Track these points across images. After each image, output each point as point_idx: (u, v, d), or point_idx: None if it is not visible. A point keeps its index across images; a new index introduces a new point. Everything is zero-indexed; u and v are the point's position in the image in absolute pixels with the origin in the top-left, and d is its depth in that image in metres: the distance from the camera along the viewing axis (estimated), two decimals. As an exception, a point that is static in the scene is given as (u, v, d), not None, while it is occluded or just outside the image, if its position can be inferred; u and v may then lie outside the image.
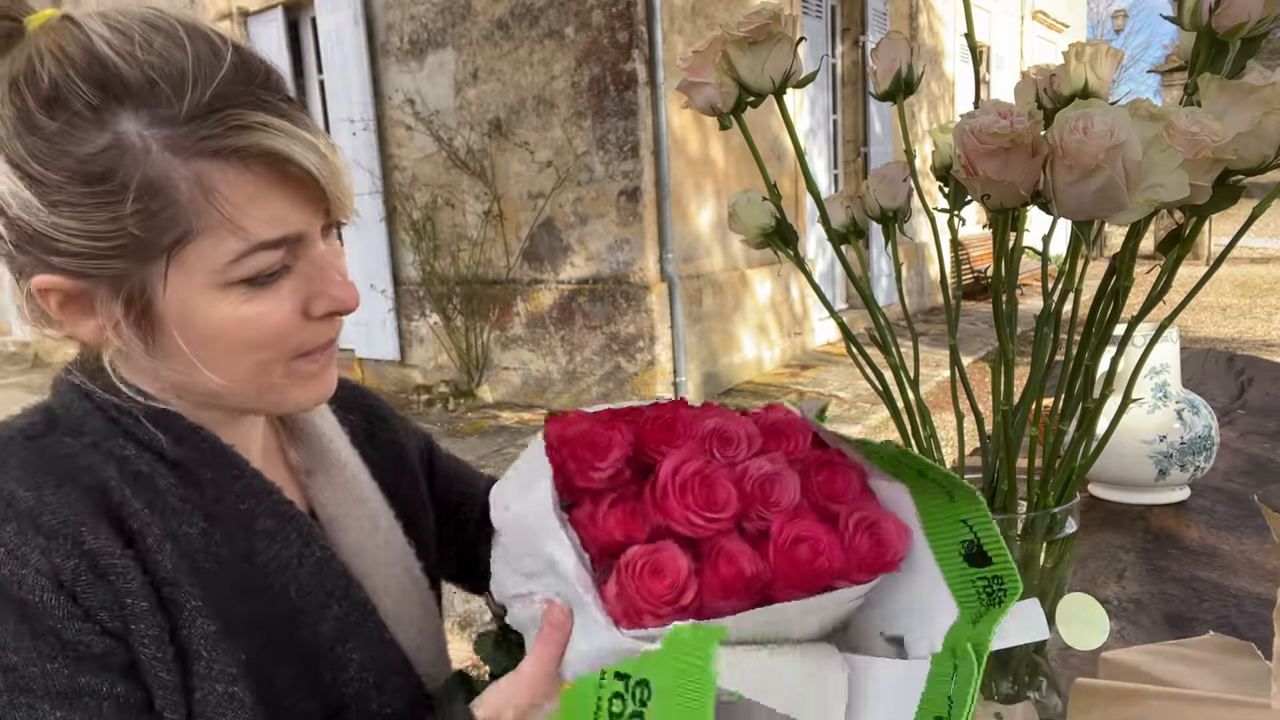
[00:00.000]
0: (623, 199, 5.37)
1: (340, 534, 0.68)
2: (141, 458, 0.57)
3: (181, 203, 0.51)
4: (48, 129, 0.50)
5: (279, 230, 0.54)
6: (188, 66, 0.51)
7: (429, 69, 6.06)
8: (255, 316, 0.55)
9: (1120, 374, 1.08)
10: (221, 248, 0.52)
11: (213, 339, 0.55)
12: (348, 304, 0.59)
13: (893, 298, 7.43)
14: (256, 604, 0.58)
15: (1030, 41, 11.83)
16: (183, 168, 0.51)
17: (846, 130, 7.75)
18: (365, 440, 0.77)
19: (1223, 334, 7.31)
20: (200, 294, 0.54)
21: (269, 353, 0.57)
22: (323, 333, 0.60)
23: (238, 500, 0.60)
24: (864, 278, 0.75)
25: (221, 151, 0.51)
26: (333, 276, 0.58)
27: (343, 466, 0.70)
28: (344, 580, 0.63)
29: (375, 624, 0.64)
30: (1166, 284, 0.65)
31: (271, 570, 0.60)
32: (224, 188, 0.51)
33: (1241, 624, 0.96)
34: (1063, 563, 0.73)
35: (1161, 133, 0.53)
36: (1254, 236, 12.85)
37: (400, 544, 0.72)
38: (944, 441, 0.73)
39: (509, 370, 6.12)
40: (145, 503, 0.55)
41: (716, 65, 0.67)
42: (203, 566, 0.56)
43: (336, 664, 0.61)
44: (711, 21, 5.56)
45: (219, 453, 0.60)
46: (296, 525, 0.62)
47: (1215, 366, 2.20)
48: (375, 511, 0.71)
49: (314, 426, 0.71)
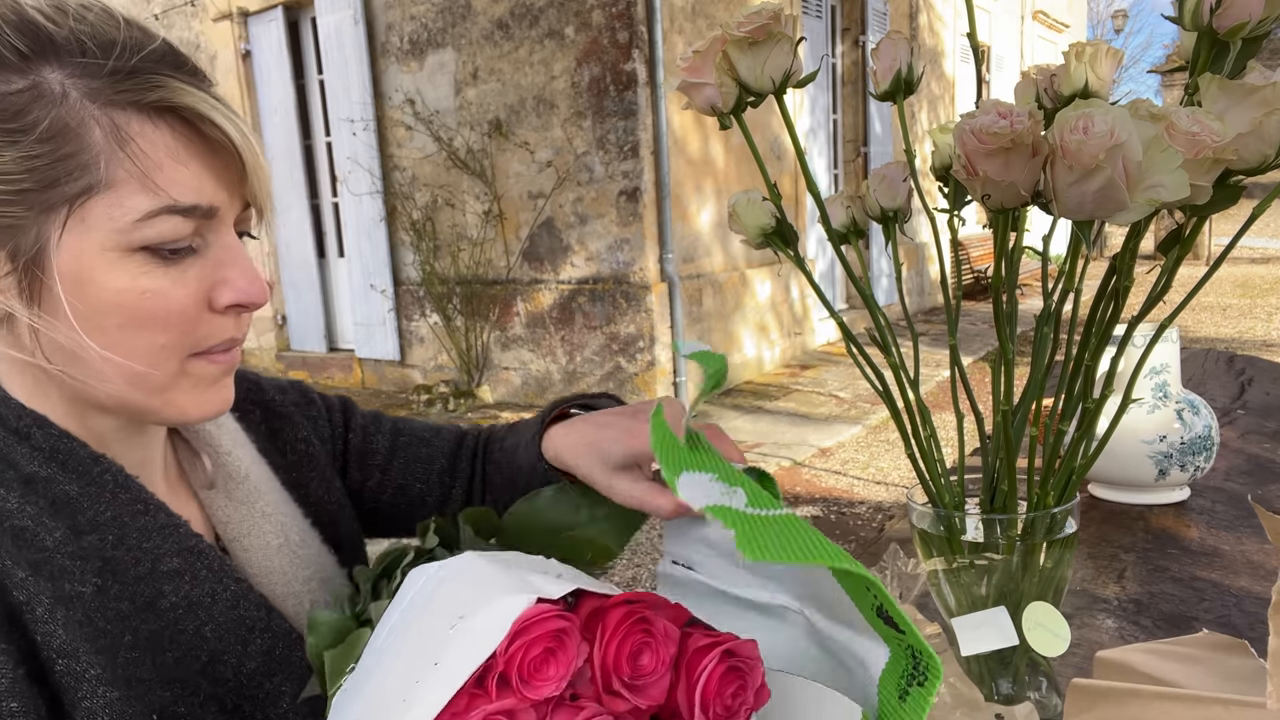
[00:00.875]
0: (623, 199, 5.37)
1: (244, 553, 0.64)
2: (25, 510, 0.52)
3: (94, 150, 0.49)
4: None
5: (192, 197, 0.52)
6: (118, 37, 0.51)
7: (429, 69, 6.06)
8: (156, 290, 0.52)
9: (1120, 374, 1.08)
10: (129, 203, 0.50)
11: (108, 309, 0.51)
12: (254, 297, 0.56)
13: (893, 298, 7.44)
14: (166, 654, 0.55)
15: (1030, 41, 11.83)
16: (100, 115, 0.49)
17: (846, 130, 7.75)
18: (268, 439, 0.73)
19: (1223, 334, 7.31)
20: (99, 255, 0.51)
21: (165, 337, 0.53)
22: (225, 329, 0.56)
23: (140, 539, 0.56)
24: (864, 278, 0.75)
25: (140, 104, 0.50)
26: (241, 265, 0.55)
27: (243, 480, 0.66)
28: (263, 611, 0.60)
29: (303, 652, 0.60)
30: (1166, 284, 0.65)
31: (181, 613, 0.56)
32: (141, 140, 0.50)
33: (1241, 624, 0.96)
34: (1062, 563, 0.73)
35: (1162, 133, 0.53)
36: (1254, 236, 12.86)
37: (315, 554, 0.68)
38: (944, 441, 0.73)
39: (509, 370, 6.12)
40: (30, 567, 0.50)
41: (716, 65, 0.67)
42: (101, 627, 0.52)
43: (266, 700, 0.58)
44: (711, 21, 5.56)
45: (121, 486, 0.56)
46: (205, 561, 0.58)
47: (1215, 366, 2.20)
48: (284, 525, 0.67)
49: (211, 438, 0.67)
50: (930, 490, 0.76)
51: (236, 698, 0.57)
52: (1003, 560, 0.72)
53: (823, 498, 4.01)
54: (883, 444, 4.76)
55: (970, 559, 0.73)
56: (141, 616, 0.54)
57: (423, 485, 0.79)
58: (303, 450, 0.74)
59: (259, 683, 0.58)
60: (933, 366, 5.59)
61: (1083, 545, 1.19)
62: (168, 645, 0.55)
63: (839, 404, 5.58)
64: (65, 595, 0.51)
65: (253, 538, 0.65)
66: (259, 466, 0.69)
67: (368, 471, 0.79)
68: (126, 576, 0.55)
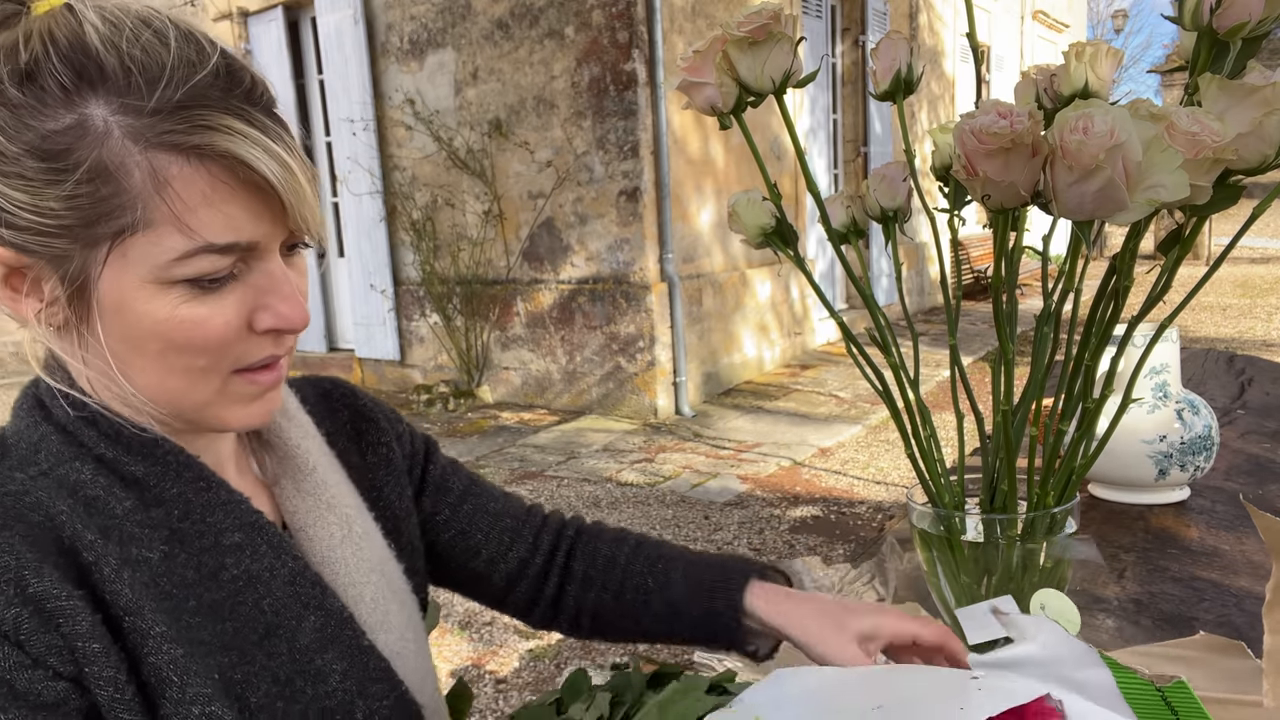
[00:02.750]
0: (623, 199, 5.37)
1: (309, 542, 0.67)
2: (97, 481, 0.56)
3: (132, 191, 0.51)
4: (15, 101, 0.50)
5: (229, 236, 0.53)
6: (167, 62, 0.51)
7: (429, 69, 6.06)
8: (194, 319, 0.54)
9: (1120, 374, 1.08)
10: (165, 244, 0.52)
11: (147, 336, 0.54)
12: (293, 322, 0.57)
13: (893, 298, 7.44)
14: (226, 624, 0.57)
15: (1030, 41, 11.83)
16: (140, 157, 0.50)
17: (846, 130, 7.75)
18: (349, 440, 0.76)
19: (1223, 334, 7.31)
20: (139, 288, 0.53)
21: (204, 360, 0.55)
22: (264, 348, 0.58)
23: (204, 514, 0.58)
24: (864, 278, 0.75)
25: (180, 147, 0.51)
26: (283, 291, 0.57)
27: (310, 472, 0.69)
28: (318, 589, 0.62)
29: (353, 632, 0.63)
30: (1166, 284, 0.65)
31: (242, 585, 0.58)
32: (178, 183, 0.51)
33: (1241, 624, 0.96)
34: (1063, 563, 0.73)
35: (1162, 133, 0.53)
36: (1254, 236, 12.85)
37: (377, 549, 0.70)
38: (944, 441, 0.73)
39: (509, 370, 6.12)
40: (99, 531, 0.54)
41: (716, 65, 0.67)
42: (166, 590, 0.55)
43: (317, 676, 0.60)
44: (711, 21, 5.56)
45: (185, 465, 0.59)
46: (266, 536, 0.61)
47: (1215, 366, 2.20)
48: (348, 517, 0.69)
49: (281, 432, 0.69)
50: (930, 490, 0.76)
51: (289, 671, 0.59)
52: (1002, 560, 0.72)
53: (823, 498, 4.01)
54: (883, 444, 4.76)
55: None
56: (205, 585, 0.57)
57: (483, 536, 0.82)
58: (384, 455, 0.77)
59: (310, 658, 0.60)
60: (933, 366, 5.59)
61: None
62: (228, 615, 0.57)
63: (839, 404, 5.58)
64: (132, 558, 0.54)
65: (317, 528, 0.67)
66: (328, 460, 0.71)
67: (439, 505, 0.81)
68: (192, 547, 0.57)
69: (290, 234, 0.57)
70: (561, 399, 5.85)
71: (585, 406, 5.74)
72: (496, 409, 5.96)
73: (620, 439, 5.10)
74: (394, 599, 0.70)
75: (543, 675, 2.61)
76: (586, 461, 4.70)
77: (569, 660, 2.69)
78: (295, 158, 0.54)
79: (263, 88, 0.55)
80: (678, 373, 5.47)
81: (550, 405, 5.91)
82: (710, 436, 5.06)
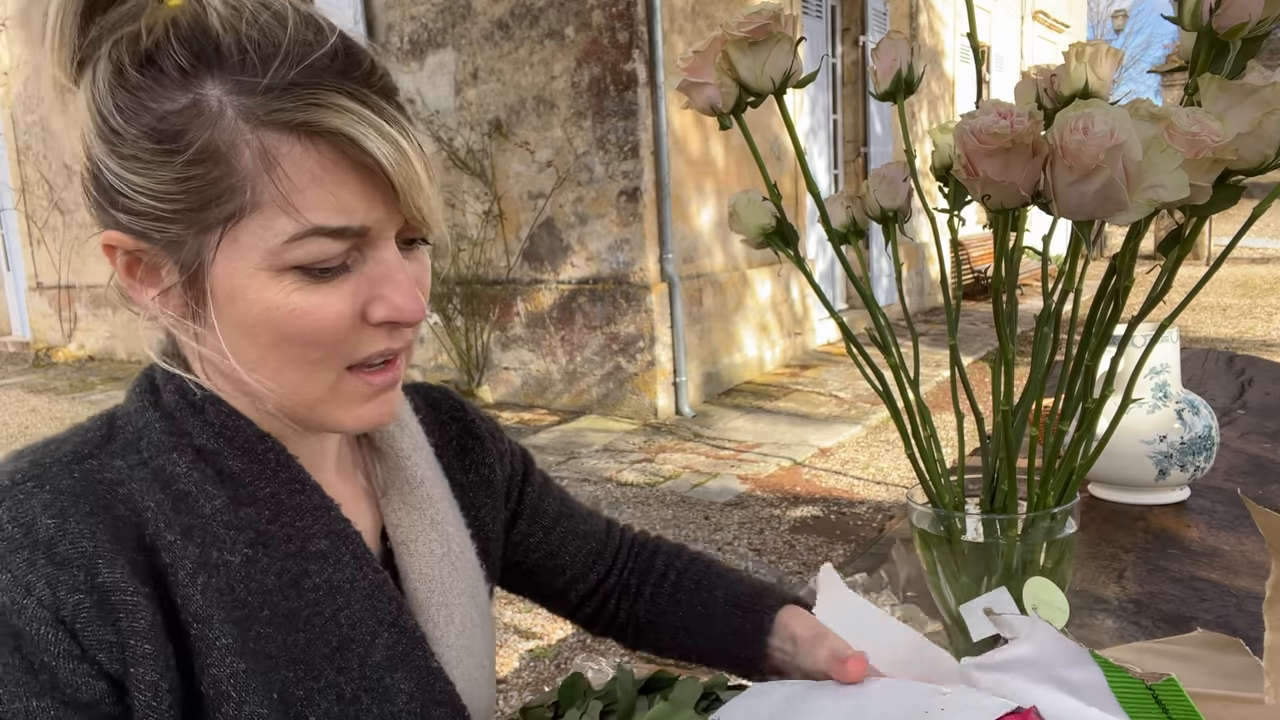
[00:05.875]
0: (623, 199, 5.37)
1: (410, 557, 0.65)
2: (191, 475, 0.55)
3: (242, 172, 0.50)
4: (134, 83, 0.50)
5: (340, 219, 0.51)
6: (283, 42, 0.50)
7: (429, 69, 6.06)
8: (307, 308, 0.52)
9: (1120, 374, 1.08)
10: (275, 226, 0.51)
11: (259, 325, 0.53)
12: (406, 314, 0.55)
13: (893, 298, 7.44)
14: (300, 634, 0.56)
15: (1030, 41, 11.83)
16: (250, 136, 0.50)
17: (846, 130, 7.75)
18: (455, 455, 0.75)
19: (1223, 334, 7.31)
20: (252, 275, 0.52)
21: (318, 351, 0.54)
22: (379, 341, 0.56)
23: (294, 517, 0.57)
24: (864, 278, 0.75)
25: (290, 124, 0.50)
26: (397, 280, 0.55)
27: (418, 485, 0.68)
28: (394, 606, 0.61)
29: (424, 653, 0.61)
30: (1166, 284, 0.65)
31: (322, 595, 0.57)
32: (286, 163, 0.50)
33: (1241, 624, 0.96)
34: (1063, 563, 0.73)
35: (1162, 133, 0.53)
36: (1254, 236, 12.85)
37: (471, 571, 0.69)
38: (944, 441, 0.74)
39: (509, 370, 6.12)
40: (182, 531, 0.54)
41: (716, 65, 0.67)
42: (241, 598, 0.54)
43: (385, 695, 0.58)
44: (711, 21, 5.56)
45: (282, 465, 0.58)
46: (350, 546, 0.59)
47: (1215, 366, 2.20)
48: (448, 535, 0.68)
49: (393, 441, 0.68)
50: (930, 490, 0.76)
51: (356, 688, 0.57)
52: (1002, 560, 0.72)
53: (823, 498, 4.01)
54: (883, 444, 4.76)
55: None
56: (284, 593, 0.56)
57: (569, 558, 0.82)
58: (485, 475, 0.76)
59: (380, 676, 0.59)
60: (933, 366, 5.59)
61: (1083, 545, 1.19)
62: (303, 626, 0.56)
63: (839, 404, 5.58)
64: (211, 562, 0.54)
65: (419, 543, 0.66)
66: (435, 474, 0.70)
67: (533, 529, 0.81)
68: (277, 551, 0.56)
69: (406, 224, 0.55)
70: (561, 399, 5.85)
71: (585, 406, 5.74)
72: (496, 409, 5.96)
73: (620, 439, 5.10)
74: (480, 623, 0.69)
75: (543, 675, 2.61)
76: (586, 462, 4.70)
77: (569, 660, 2.69)
78: (411, 144, 0.52)
79: (382, 72, 0.54)
80: (678, 373, 5.47)
81: (550, 405, 5.91)
82: (710, 436, 5.06)
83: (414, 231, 0.57)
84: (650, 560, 0.85)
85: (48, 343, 9.28)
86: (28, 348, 9.49)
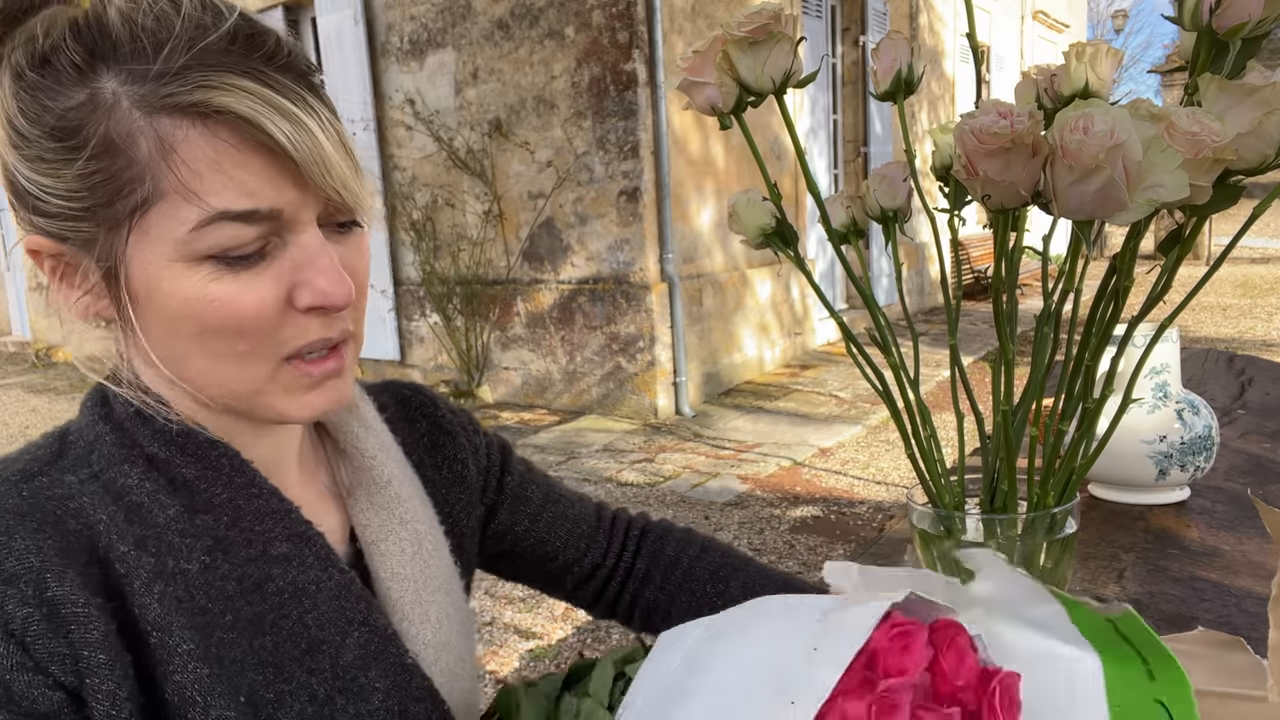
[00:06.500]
0: (623, 199, 5.37)
1: (380, 558, 0.65)
2: (143, 486, 0.54)
3: (141, 162, 0.49)
4: (33, 83, 0.50)
5: (245, 202, 0.49)
6: (176, 26, 0.49)
7: (429, 69, 6.06)
8: (225, 298, 0.50)
9: (1120, 374, 1.08)
10: (180, 214, 0.49)
11: (180, 318, 0.51)
12: (331, 298, 0.53)
13: (893, 298, 7.43)
14: (266, 638, 0.55)
15: (1030, 41, 11.83)
16: (144, 124, 0.49)
17: (846, 130, 7.75)
18: (425, 452, 0.74)
19: (1223, 334, 7.31)
20: (166, 266, 0.50)
21: (244, 344, 0.52)
22: (312, 330, 0.54)
23: (254, 522, 0.56)
24: (864, 278, 0.75)
25: (181, 107, 0.48)
26: (321, 265, 0.53)
27: (385, 485, 0.67)
28: (364, 605, 0.60)
29: (397, 650, 0.61)
30: (1166, 284, 0.65)
31: (287, 599, 0.56)
32: (183, 148, 0.48)
33: (1242, 624, 0.96)
34: (1063, 563, 0.73)
35: (1162, 133, 0.53)
36: (1254, 236, 12.85)
37: (445, 569, 0.68)
38: (944, 441, 0.73)
39: (509, 370, 6.12)
40: (136, 542, 0.53)
41: (716, 65, 0.67)
42: (201, 604, 0.53)
43: (359, 694, 0.58)
44: (711, 21, 5.56)
45: (237, 470, 0.57)
46: (314, 548, 0.58)
47: (1215, 366, 2.20)
48: (419, 533, 0.67)
49: (357, 441, 0.67)
50: (930, 490, 0.76)
51: (329, 689, 0.57)
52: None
53: (823, 498, 4.01)
54: (883, 444, 4.76)
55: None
56: (247, 598, 0.55)
57: (560, 544, 0.82)
58: (458, 471, 0.75)
59: (354, 675, 0.58)
60: (933, 366, 5.59)
61: (1083, 545, 1.19)
62: (269, 629, 0.55)
63: (839, 404, 5.58)
64: (167, 571, 0.53)
65: (389, 542, 0.65)
66: (404, 472, 0.69)
67: (518, 517, 0.80)
68: (237, 557, 0.55)
69: (326, 206, 0.54)
70: (561, 399, 5.85)
71: (585, 406, 5.74)
72: (497, 409, 5.96)
73: (620, 439, 5.10)
74: (456, 619, 0.68)
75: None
76: (586, 462, 4.70)
77: (569, 660, 2.69)
78: (318, 121, 0.51)
79: (289, 50, 0.53)
80: (678, 373, 5.47)
81: (550, 405, 5.90)
82: (710, 436, 5.06)
83: (341, 214, 0.55)
84: (659, 545, 0.85)
85: (48, 343, 9.28)
86: (28, 347, 9.49)
